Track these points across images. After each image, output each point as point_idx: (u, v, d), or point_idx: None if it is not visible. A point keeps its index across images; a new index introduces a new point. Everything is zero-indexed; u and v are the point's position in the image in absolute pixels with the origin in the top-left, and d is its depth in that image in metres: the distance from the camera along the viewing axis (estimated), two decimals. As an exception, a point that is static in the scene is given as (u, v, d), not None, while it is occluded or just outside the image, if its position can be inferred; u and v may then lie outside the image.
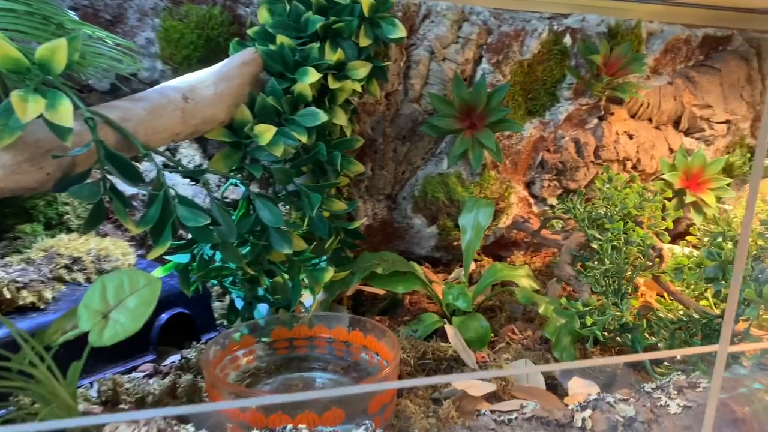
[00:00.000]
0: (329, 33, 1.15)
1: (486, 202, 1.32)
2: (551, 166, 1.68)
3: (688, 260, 1.19)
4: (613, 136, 1.71)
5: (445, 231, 1.57)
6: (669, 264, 1.22)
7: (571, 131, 1.69)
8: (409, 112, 1.53)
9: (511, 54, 1.59)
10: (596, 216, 1.30)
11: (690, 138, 1.90)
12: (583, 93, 1.70)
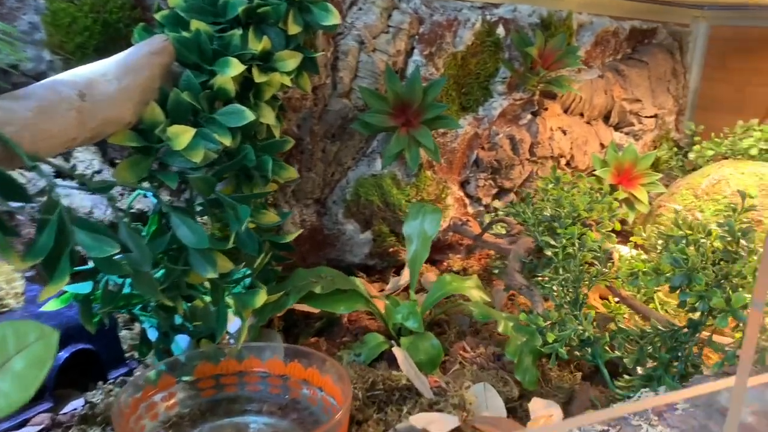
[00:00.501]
0: (253, 18, 1.00)
1: (432, 208, 1.21)
2: (486, 164, 1.60)
3: (644, 265, 1.12)
4: (547, 133, 1.64)
5: (380, 237, 1.44)
6: (622, 269, 1.15)
7: (505, 128, 1.61)
8: (339, 107, 1.39)
9: (444, 45, 1.49)
10: (544, 219, 1.22)
11: (619, 133, 1.87)
12: (517, 87, 1.62)
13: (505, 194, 1.66)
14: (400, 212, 1.42)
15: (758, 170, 1.56)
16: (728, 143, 1.75)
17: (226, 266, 0.93)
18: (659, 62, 1.86)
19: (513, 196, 1.67)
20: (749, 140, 1.70)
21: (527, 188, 1.66)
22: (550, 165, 1.68)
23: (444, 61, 1.49)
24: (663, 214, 1.62)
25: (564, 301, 1.04)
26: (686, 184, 1.62)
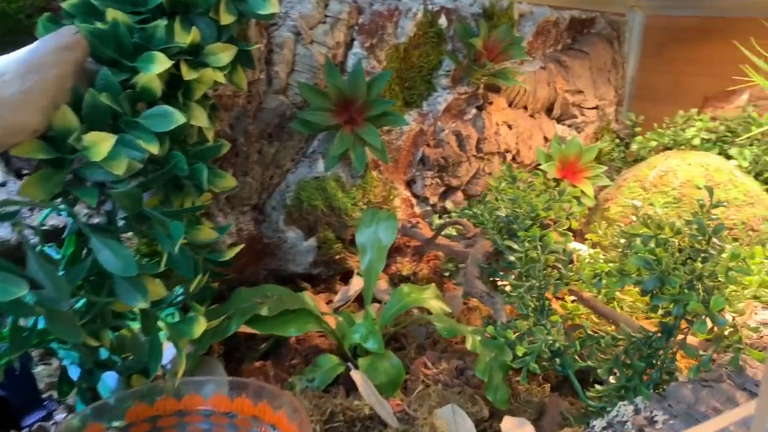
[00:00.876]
0: (179, 7, 0.87)
1: (387, 214, 1.12)
2: (433, 162, 1.52)
3: (607, 266, 1.07)
4: (493, 128, 1.58)
5: (325, 244, 1.34)
6: (584, 270, 1.10)
7: (450, 123, 1.54)
8: (275, 105, 1.27)
9: (386, 37, 1.39)
10: (501, 220, 1.15)
11: (562, 125, 1.83)
12: (461, 80, 1.55)
13: (453, 193, 1.59)
14: (346, 217, 1.32)
15: (703, 160, 1.55)
16: (671, 134, 1.74)
17: (159, 292, 0.81)
18: (600, 52, 1.83)
19: (460, 195, 1.60)
20: (691, 130, 1.69)
21: (474, 185, 1.59)
22: (496, 161, 1.62)
23: (386, 54, 1.40)
24: (611, 208, 1.58)
25: (530, 309, 0.97)
26: (633, 177, 1.60)
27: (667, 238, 0.97)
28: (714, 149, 1.67)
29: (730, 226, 1.45)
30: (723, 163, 1.55)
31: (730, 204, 1.47)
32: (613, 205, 1.59)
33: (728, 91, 1.80)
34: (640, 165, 1.64)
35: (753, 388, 0.91)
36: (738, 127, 1.65)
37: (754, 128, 1.62)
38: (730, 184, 1.49)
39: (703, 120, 1.72)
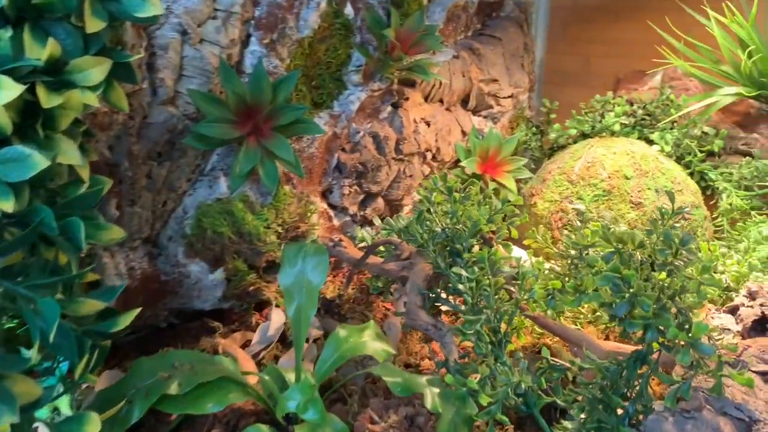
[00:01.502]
0: (28, 12, 0.66)
1: (315, 248, 0.95)
2: (350, 168, 1.36)
3: (559, 283, 0.96)
4: (411, 126, 1.44)
5: (236, 276, 1.16)
6: (534, 287, 0.99)
7: (365, 124, 1.39)
8: (163, 119, 1.07)
9: (288, 31, 1.22)
10: (439, 237, 1.02)
11: (478, 116, 1.72)
12: (373, 76, 1.40)
13: (373, 200, 1.44)
14: (258, 242, 1.15)
15: (628, 148, 1.49)
16: (589, 120, 1.67)
17: (33, 392, 0.61)
18: (511, 37, 1.73)
19: (381, 201, 1.45)
20: (611, 116, 1.63)
21: (395, 190, 1.45)
22: (416, 161, 1.49)
23: (289, 51, 1.23)
24: (538, 204, 1.49)
25: (487, 349, 0.85)
26: (558, 169, 1.51)
27: (630, 252, 0.87)
28: (633, 134, 1.62)
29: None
30: (647, 150, 1.50)
31: (659, 192, 1.41)
32: (540, 200, 1.50)
33: (640, 72, 1.75)
34: (562, 156, 1.56)
35: (733, 411, 0.83)
36: (656, 110, 1.60)
37: (673, 111, 1.58)
38: (657, 172, 1.44)
39: (621, 104, 1.66)
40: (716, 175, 1.51)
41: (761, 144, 1.51)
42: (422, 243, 0.98)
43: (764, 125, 1.52)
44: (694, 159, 1.54)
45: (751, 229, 1.35)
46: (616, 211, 1.40)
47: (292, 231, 1.21)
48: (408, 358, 1.12)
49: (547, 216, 1.47)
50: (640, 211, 1.40)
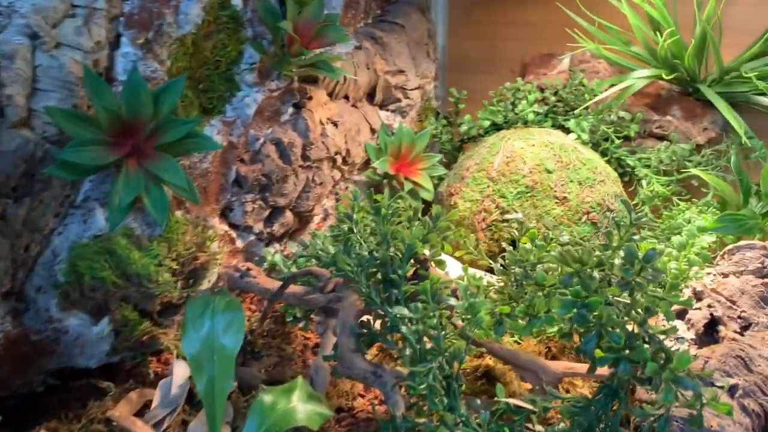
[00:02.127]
0: None
1: (225, 302, 0.78)
2: (252, 182, 1.19)
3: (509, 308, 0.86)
4: (318, 128, 1.29)
5: (126, 326, 0.97)
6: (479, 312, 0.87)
7: (265, 129, 1.22)
8: (16, 145, 0.86)
9: (166, 28, 1.03)
10: (367, 263, 0.88)
11: (386, 111, 1.59)
12: (270, 74, 1.23)
13: (280, 214, 1.28)
14: (150, 284, 0.96)
15: (546, 139, 1.41)
16: (501, 109, 1.58)
17: None
18: (415, 24, 1.61)
19: (290, 216, 1.29)
20: (523, 104, 1.55)
21: (305, 201, 1.30)
22: (326, 167, 1.34)
23: (169, 51, 1.04)
24: (458, 204, 1.39)
25: (442, 403, 0.72)
26: (476, 166, 1.41)
27: (590, 273, 0.77)
28: (547, 122, 1.55)
29: (586, 209, 1.33)
30: (565, 140, 1.43)
31: (583, 184, 1.35)
32: (460, 200, 1.39)
33: (547, 56, 1.68)
34: (479, 150, 1.46)
35: (710, 439, 0.76)
36: (569, 97, 1.54)
37: (587, 97, 1.51)
38: (578, 163, 1.37)
39: (532, 92, 1.59)
40: (634, 161, 1.47)
41: (675, 126, 1.48)
42: (351, 276, 0.84)
43: (676, 107, 1.49)
44: (611, 146, 1.48)
45: (677, 217, 1.30)
46: (541, 208, 1.32)
47: (189, 264, 1.03)
48: (339, 401, 0.99)
49: (469, 217, 1.37)
50: (565, 207, 1.32)
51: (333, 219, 1.42)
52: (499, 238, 1.33)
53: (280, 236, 1.31)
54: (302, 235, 1.37)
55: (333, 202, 1.43)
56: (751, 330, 0.98)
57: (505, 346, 0.95)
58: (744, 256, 1.09)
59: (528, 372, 0.95)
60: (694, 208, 1.32)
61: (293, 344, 1.15)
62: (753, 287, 1.03)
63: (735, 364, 0.88)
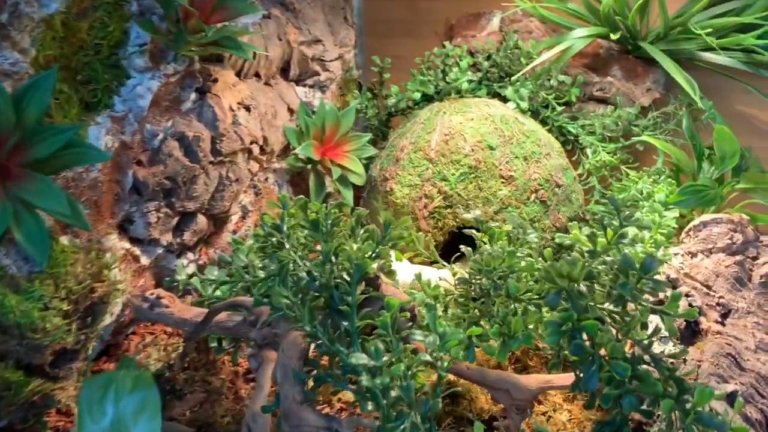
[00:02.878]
0: None
1: (133, 378, 0.60)
2: (154, 187, 1.00)
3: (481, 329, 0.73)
4: (228, 116, 1.10)
5: (10, 390, 0.78)
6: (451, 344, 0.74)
7: (165, 122, 1.02)
8: None
9: (24, 8, 0.82)
10: (306, 287, 0.73)
11: (303, 87, 1.41)
12: (164, 56, 1.03)
13: (191, 220, 1.09)
14: (35, 333, 0.77)
15: (485, 111, 1.28)
16: (432, 78, 1.43)
17: None
18: (329, -14, 1.42)
19: (203, 220, 1.11)
20: (455, 72, 1.41)
21: (219, 202, 1.12)
22: (241, 160, 1.16)
23: (33, 37, 0.83)
24: (395, 191, 1.24)
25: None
26: (411, 145, 1.27)
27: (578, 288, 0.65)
28: (481, 91, 1.41)
29: (534, 187, 1.21)
30: (505, 110, 1.30)
31: (529, 160, 1.23)
32: (397, 185, 1.25)
33: (474, 16, 1.54)
34: (412, 127, 1.31)
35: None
36: (504, 61, 1.41)
37: (523, 60, 1.39)
38: (522, 136, 1.25)
39: (464, 57, 1.44)
40: (577, 129, 1.36)
41: (617, 88, 1.38)
42: (292, 314, 0.68)
43: (616, 67, 1.39)
44: (551, 113, 1.37)
45: (630, 188, 1.21)
46: (486, 190, 1.19)
47: (84, 301, 0.84)
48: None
49: (409, 204, 1.23)
50: (512, 186, 1.20)
51: (253, 217, 1.25)
52: (444, 226, 1.20)
53: (193, 245, 1.12)
54: (219, 238, 1.19)
55: (252, 197, 1.25)
56: (731, 317, 0.90)
57: (471, 365, 0.83)
58: (711, 233, 1.01)
59: (499, 391, 0.83)
60: (646, 178, 1.23)
61: (221, 374, 0.99)
62: (726, 268, 0.95)
63: (727, 364, 0.80)
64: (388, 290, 0.79)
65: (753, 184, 1.10)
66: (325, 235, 0.74)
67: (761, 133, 1.35)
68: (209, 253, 1.18)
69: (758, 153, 1.32)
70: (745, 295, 0.93)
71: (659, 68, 1.36)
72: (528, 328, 0.72)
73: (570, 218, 1.24)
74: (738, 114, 1.36)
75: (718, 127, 1.17)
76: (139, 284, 1.03)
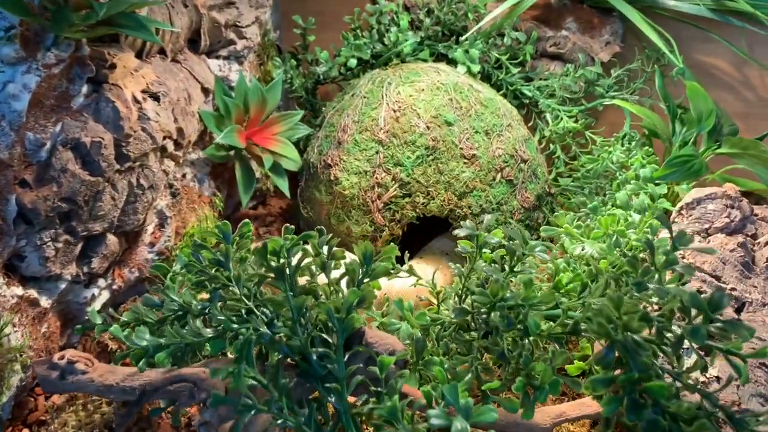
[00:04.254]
0: None
1: None
2: (47, 213, 0.78)
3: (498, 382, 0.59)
4: (133, 111, 0.88)
5: None
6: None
7: (52, 126, 0.79)
8: None
9: None
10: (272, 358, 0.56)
11: (217, 59, 1.19)
12: (42, 41, 0.79)
13: (98, 243, 0.88)
14: None
15: (436, 79, 1.11)
16: (367, 41, 1.24)
17: None
18: (237, -65, 1.19)
19: (114, 241, 0.90)
20: (395, 34, 1.22)
21: (132, 216, 0.91)
22: (153, 161, 0.94)
23: None
24: (342, 181, 1.07)
25: None
26: (355, 125, 1.09)
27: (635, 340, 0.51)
28: (423, 52, 1.24)
29: (500, 165, 1.07)
30: (457, 77, 1.14)
31: (490, 134, 1.08)
32: (343, 174, 1.07)
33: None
34: (352, 102, 1.13)
35: None
36: (448, 17, 1.23)
37: (470, 16, 1.22)
38: (479, 107, 1.10)
39: (398, 13, 1.26)
40: (533, 91, 1.22)
41: (573, 42, 1.24)
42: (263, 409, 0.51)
43: (570, 18, 1.25)
44: (505, 75, 1.22)
45: (603, 157, 1.09)
46: (447, 173, 1.04)
47: (-31, 387, 0.63)
48: None
49: (359, 195, 1.06)
50: (475, 166, 1.05)
51: (173, 223, 1.04)
52: (402, 218, 1.05)
53: (104, 271, 0.91)
54: (134, 254, 0.98)
55: (169, 200, 1.04)
56: (745, 311, 0.80)
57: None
58: (707, 210, 0.91)
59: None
60: (618, 145, 1.11)
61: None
62: (732, 253, 0.85)
63: (765, 378, 0.70)
64: (375, 337, 0.63)
65: (739, 150, 1.00)
66: (292, 283, 0.57)
67: (725, 85, 1.26)
68: (124, 274, 0.97)
69: (725, 107, 1.23)
70: (756, 282, 0.83)
71: (616, 17, 1.23)
72: (555, 375, 0.58)
73: (537, 195, 1.12)
74: (700, 64, 1.26)
75: (691, 84, 1.06)
76: (42, 331, 0.82)
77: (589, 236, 0.86)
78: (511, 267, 0.68)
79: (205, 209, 1.13)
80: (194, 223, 1.08)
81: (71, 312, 0.89)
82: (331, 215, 1.09)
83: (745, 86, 1.25)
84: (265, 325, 0.58)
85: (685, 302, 0.50)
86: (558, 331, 0.61)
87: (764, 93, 1.25)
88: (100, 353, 0.92)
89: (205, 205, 1.14)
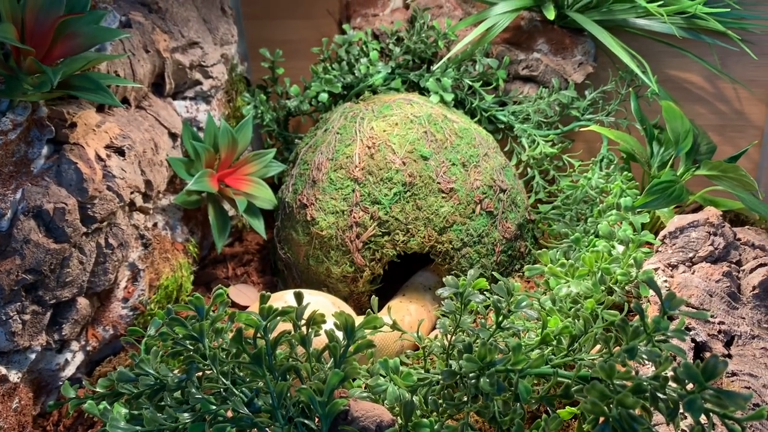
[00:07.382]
0: None
1: None
2: (9, 287, 0.75)
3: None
4: (97, 170, 0.85)
5: None
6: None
7: (11, 194, 0.76)
8: None
9: None
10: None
11: (184, 101, 1.16)
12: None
13: (68, 309, 0.85)
14: None
15: (410, 112, 1.09)
16: (337, 73, 1.22)
17: None
18: (197, -28, 1.15)
19: (84, 304, 0.86)
20: (365, 65, 1.20)
21: (101, 278, 0.87)
22: (122, 218, 0.91)
23: None
24: (319, 221, 1.04)
25: None
26: (329, 163, 1.06)
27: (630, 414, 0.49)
28: (395, 81, 1.22)
29: (478, 197, 1.05)
30: (430, 107, 1.12)
31: (467, 166, 1.06)
32: (320, 214, 1.05)
33: (372, -9, 1.33)
34: (325, 138, 1.11)
35: None
36: (418, 46, 1.21)
37: (440, 44, 1.20)
38: (455, 138, 1.08)
39: (367, 42, 1.23)
40: (508, 117, 1.20)
41: (545, 64, 1.23)
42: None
43: (542, 40, 1.24)
44: (479, 102, 1.20)
45: (582, 186, 1.08)
46: (426, 209, 1.02)
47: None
48: None
49: (337, 235, 1.03)
50: (454, 200, 1.03)
51: (146, 276, 1.01)
52: (382, 257, 1.02)
53: (77, 335, 0.88)
54: (107, 311, 0.95)
55: (141, 251, 1.01)
56: (735, 345, 0.79)
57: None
58: (690, 239, 0.90)
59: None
60: (596, 169, 1.09)
61: None
62: (717, 284, 0.84)
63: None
64: (360, 410, 0.60)
65: (718, 172, 0.99)
66: (271, 365, 0.54)
67: (699, 99, 1.25)
68: (98, 333, 0.94)
69: (700, 120, 1.23)
70: (743, 313, 0.82)
71: (587, 37, 1.22)
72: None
73: (518, 224, 1.10)
74: (673, 79, 1.25)
75: (667, 105, 1.05)
76: (13, 407, 0.79)
77: (573, 275, 0.84)
78: (498, 323, 0.66)
79: (179, 257, 1.10)
80: (168, 274, 1.05)
81: (44, 379, 0.86)
82: (310, 256, 1.07)
83: (719, 99, 1.25)
84: (244, 405, 0.56)
85: (679, 375, 0.49)
86: (549, 394, 0.59)
87: (738, 105, 1.25)
88: (76, 418, 0.89)
89: (179, 252, 1.10)
